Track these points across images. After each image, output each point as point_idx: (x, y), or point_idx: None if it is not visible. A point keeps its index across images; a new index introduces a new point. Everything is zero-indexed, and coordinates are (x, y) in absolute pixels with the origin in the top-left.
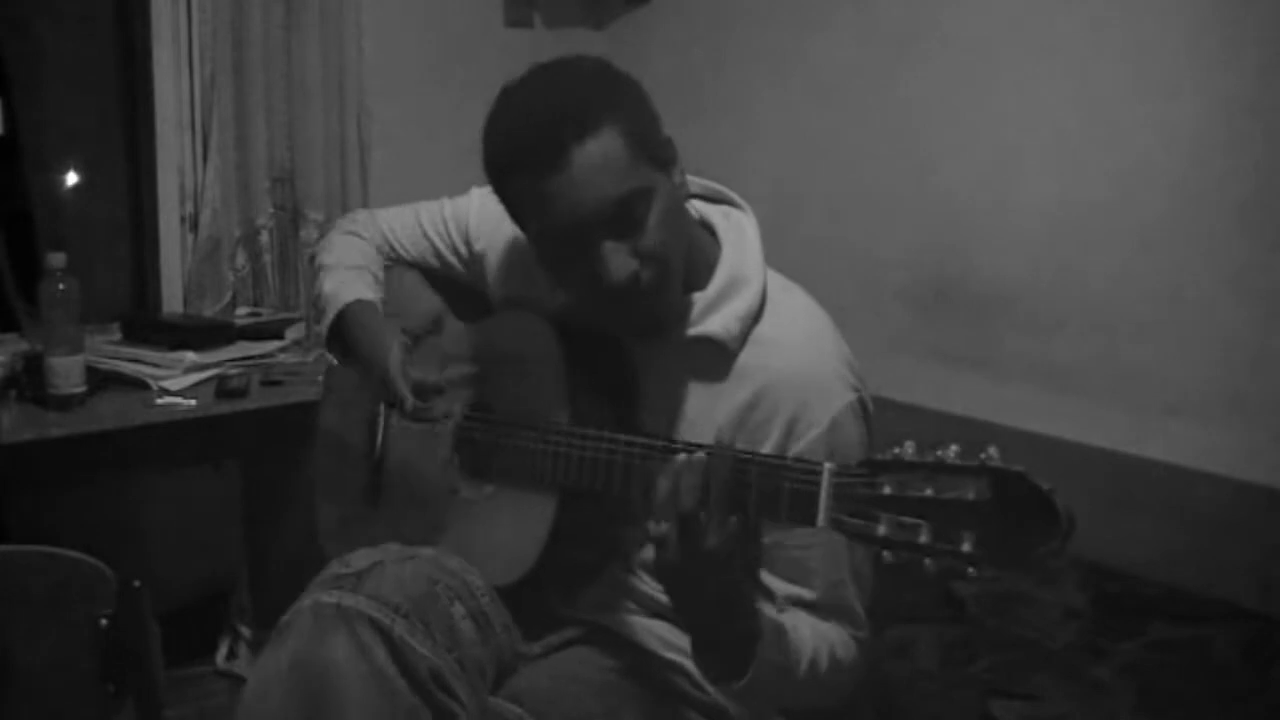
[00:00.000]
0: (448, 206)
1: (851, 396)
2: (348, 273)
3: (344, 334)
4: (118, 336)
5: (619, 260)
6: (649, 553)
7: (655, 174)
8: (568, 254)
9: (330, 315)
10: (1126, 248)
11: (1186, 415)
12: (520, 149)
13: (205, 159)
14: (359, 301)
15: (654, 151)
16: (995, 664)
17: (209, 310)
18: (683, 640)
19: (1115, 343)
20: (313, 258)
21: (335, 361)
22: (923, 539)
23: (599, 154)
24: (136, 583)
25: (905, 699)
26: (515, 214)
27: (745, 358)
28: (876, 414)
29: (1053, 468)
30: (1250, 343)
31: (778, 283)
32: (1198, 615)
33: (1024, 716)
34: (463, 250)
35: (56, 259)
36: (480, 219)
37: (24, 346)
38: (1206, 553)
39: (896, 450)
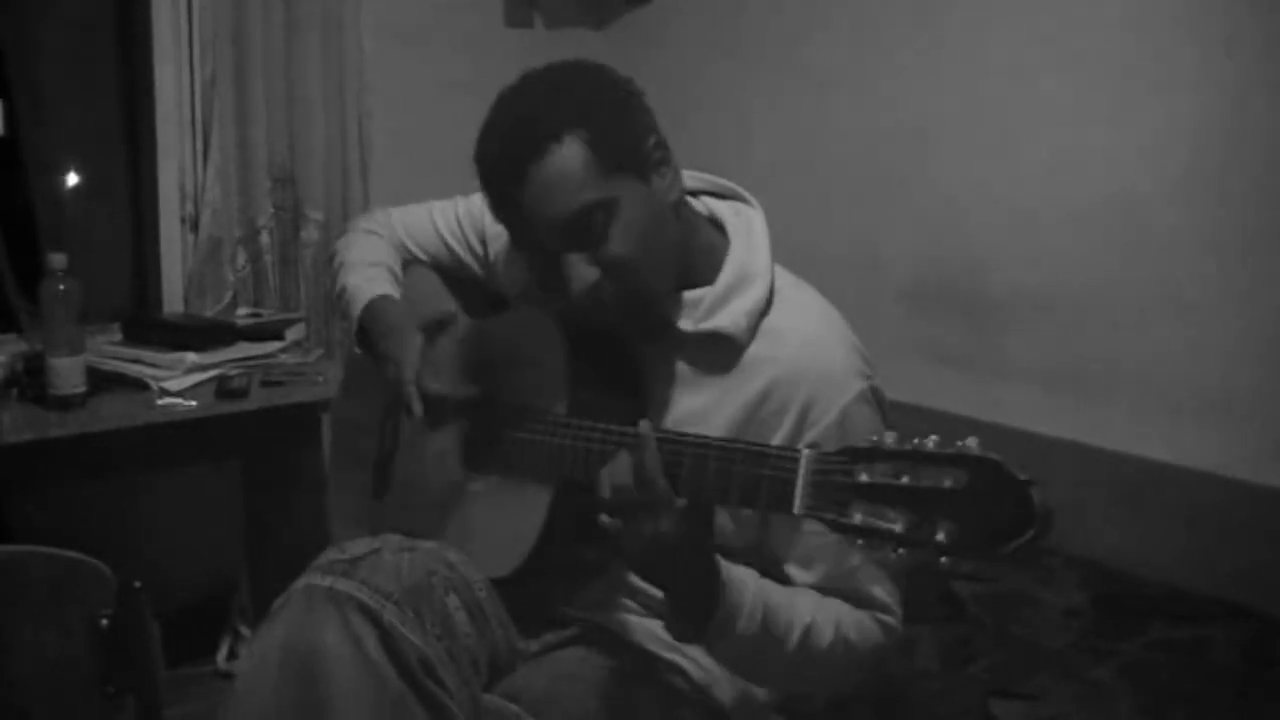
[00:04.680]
0: (461, 205)
1: (863, 385)
2: (370, 269)
3: (367, 330)
4: (118, 337)
5: (578, 271)
6: None
7: (627, 182)
8: (542, 260)
9: (356, 311)
10: (1126, 247)
11: (1186, 415)
12: (489, 165)
13: (206, 159)
14: (382, 297)
15: (628, 159)
16: (995, 664)
17: (209, 311)
18: None
19: (1115, 343)
20: (332, 256)
21: (359, 353)
22: (896, 528)
23: (555, 169)
24: (136, 583)
25: (906, 699)
26: (497, 219)
27: (755, 350)
28: None
29: (1053, 468)
30: (1251, 343)
31: (786, 278)
32: (1198, 615)
33: (1024, 716)
34: (478, 249)
35: (57, 259)
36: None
37: (24, 347)
38: (1206, 553)
39: (875, 439)
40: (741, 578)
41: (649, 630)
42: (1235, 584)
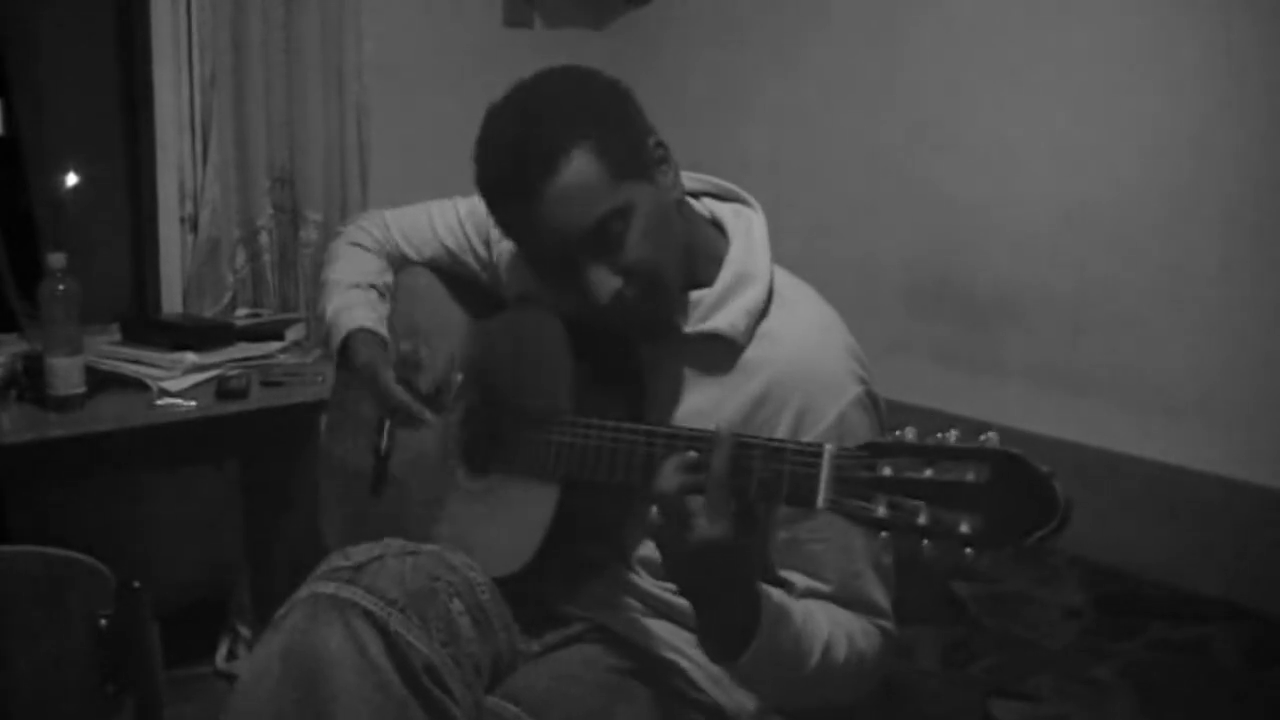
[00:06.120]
0: (462, 206)
1: (859, 389)
2: (350, 293)
3: (346, 362)
4: (117, 337)
5: (601, 280)
6: (650, 550)
7: (636, 186)
8: (556, 273)
9: (335, 343)
10: (1127, 248)
11: (1186, 415)
12: (496, 183)
13: (205, 159)
14: (360, 331)
15: (634, 162)
16: (995, 664)
17: (209, 311)
18: (683, 640)
19: (1115, 343)
20: (323, 264)
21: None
22: (921, 520)
23: (570, 182)
24: (136, 583)
25: (906, 699)
26: (506, 236)
27: (752, 352)
28: None
29: (1053, 468)
30: (1250, 343)
31: (786, 280)
32: (1198, 615)
33: (1024, 716)
34: (480, 249)
35: (56, 259)
36: None
37: (24, 347)
38: (1206, 553)
39: (897, 433)
40: (769, 593)
41: (650, 629)
42: (1235, 584)
